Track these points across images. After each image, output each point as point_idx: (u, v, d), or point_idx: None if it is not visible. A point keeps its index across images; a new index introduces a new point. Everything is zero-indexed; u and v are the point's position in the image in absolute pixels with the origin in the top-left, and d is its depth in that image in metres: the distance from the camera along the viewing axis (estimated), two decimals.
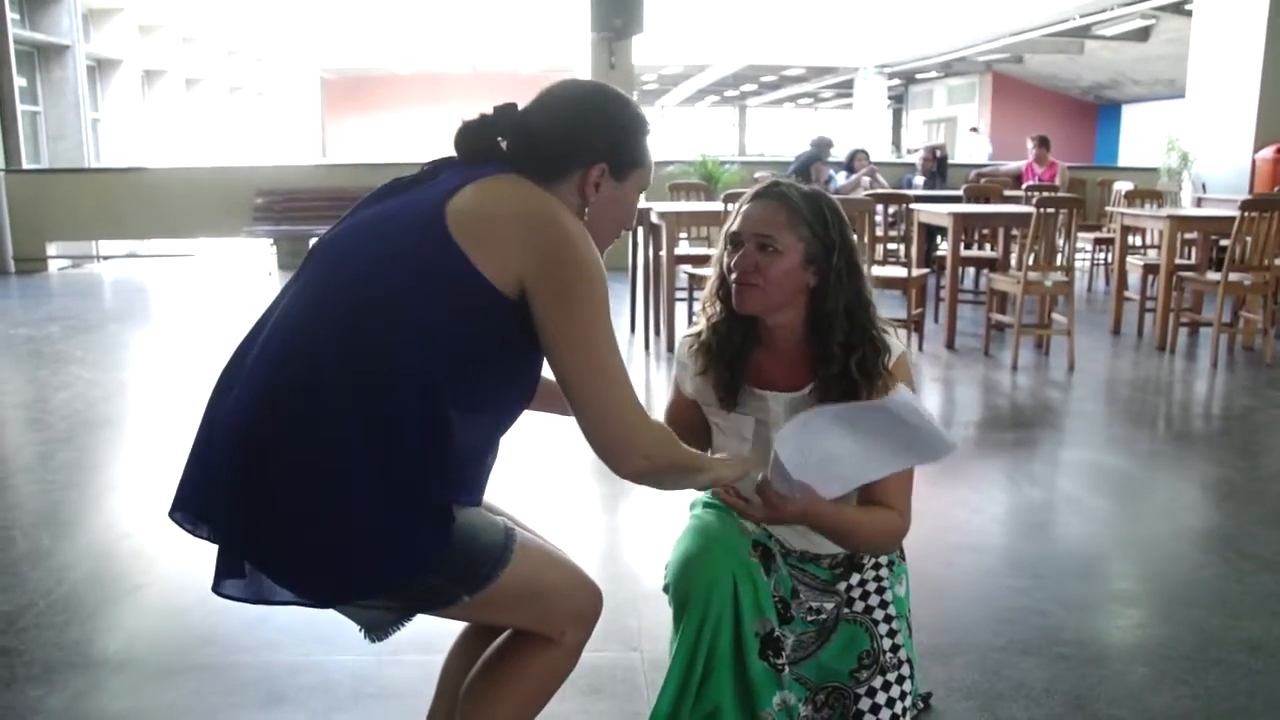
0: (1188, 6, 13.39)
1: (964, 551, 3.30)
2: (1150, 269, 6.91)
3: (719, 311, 1.94)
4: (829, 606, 1.95)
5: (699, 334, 1.98)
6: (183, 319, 8.06)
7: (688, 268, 6.46)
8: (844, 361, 1.82)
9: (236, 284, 9.80)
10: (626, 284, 6.88)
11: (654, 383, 5.69)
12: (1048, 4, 16.55)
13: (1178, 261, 6.55)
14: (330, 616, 1.64)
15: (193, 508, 1.54)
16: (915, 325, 6.14)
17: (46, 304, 8.69)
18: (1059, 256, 5.89)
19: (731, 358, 1.92)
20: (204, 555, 1.57)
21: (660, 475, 1.59)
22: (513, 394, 1.59)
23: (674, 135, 35.72)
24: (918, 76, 31.16)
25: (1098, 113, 29.53)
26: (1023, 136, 25.53)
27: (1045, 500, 3.87)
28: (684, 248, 6.97)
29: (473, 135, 1.62)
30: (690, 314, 6.03)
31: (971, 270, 8.27)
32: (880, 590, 1.96)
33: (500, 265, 1.44)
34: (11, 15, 11.65)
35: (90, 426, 4.68)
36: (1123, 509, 3.77)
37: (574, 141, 1.59)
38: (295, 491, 1.43)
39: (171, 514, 1.55)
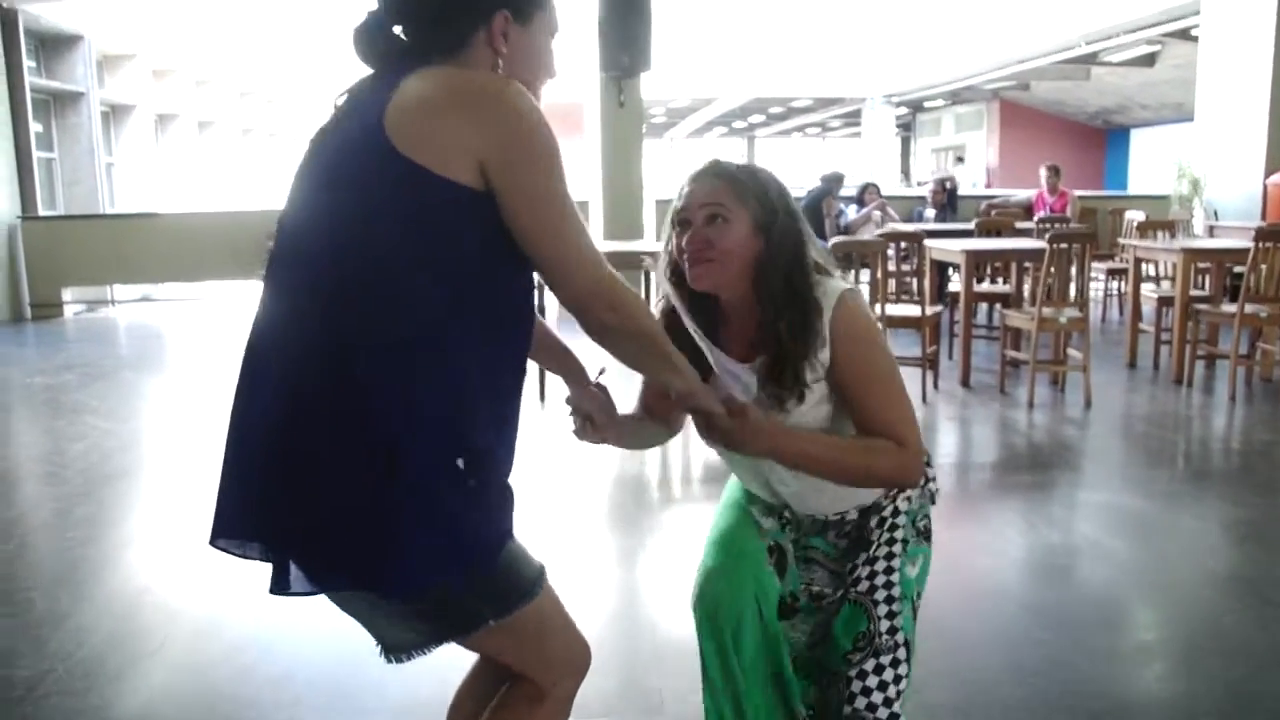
0: (1193, 32, 13.40)
1: (983, 599, 3.28)
2: (1165, 301, 6.88)
3: (674, 296, 1.92)
4: (831, 591, 1.96)
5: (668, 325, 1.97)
6: (196, 365, 8.09)
7: None
8: (780, 332, 1.79)
9: (248, 328, 9.82)
10: None
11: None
12: (1054, 32, 16.60)
13: (1193, 292, 6.52)
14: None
15: (235, 529, 1.52)
16: (930, 363, 6.12)
17: (63, 351, 8.75)
18: (1072, 291, 5.87)
19: (707, 331, 1.91)
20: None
21: (627, 337, 1.56)
22: (515, 315, 1.56)
23: (683, 168, 35.86)
24: (925, 104, 31.26)
25: (1106, 137, 29.57)
26: (1031, 163, 25.56)
27: (1065, 544, 3.83)
28: None
29: (369, 35, 1.58)
30: None
31: (984, 304, 8.24)
32: (889, 570, 1.91)
33: (458, 159, 1.41)
34: (28, 64, 11.81)
35: (107, 480, 4.69)
36: (1143, 552, 3.74)
37: (464, 2, 1.55)
38: (342, 480, 1.42)
39: (213, 542, 1.53)
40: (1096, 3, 13.15)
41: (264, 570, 1.49)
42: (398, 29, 1.57)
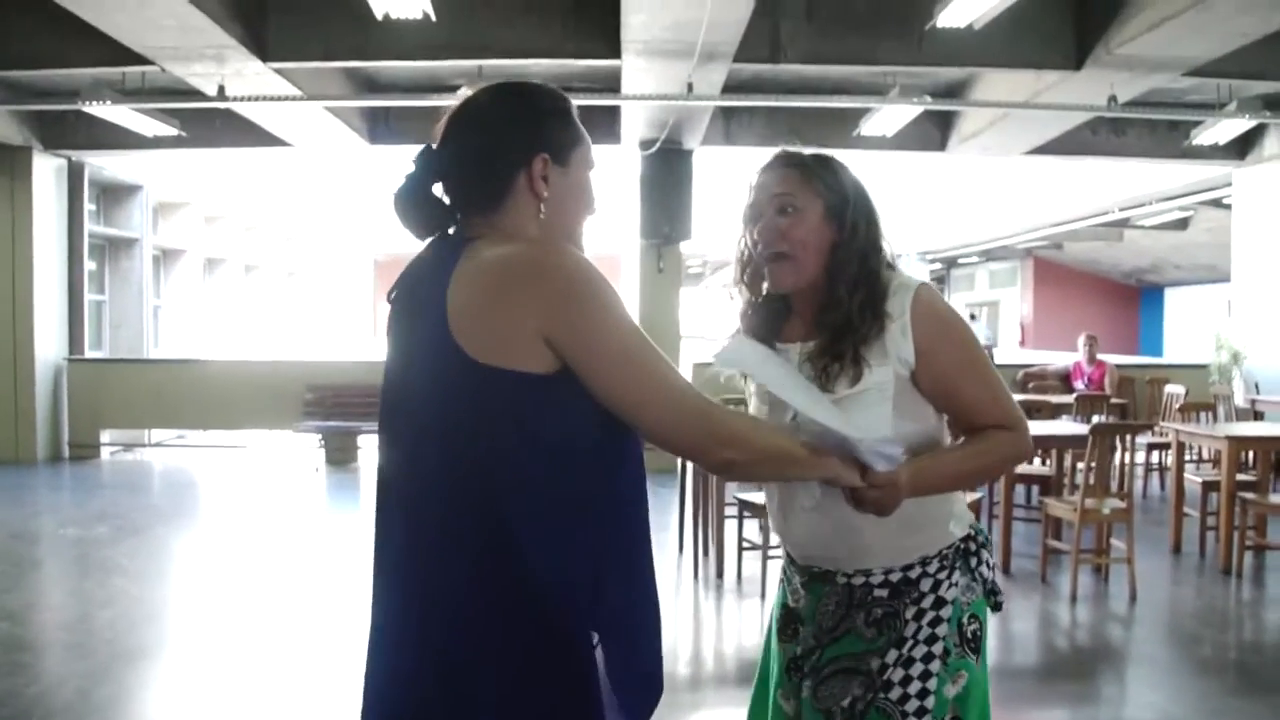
0: (1225, 201, 13.55)
1: None
2: (1209, 485, 6.74)
3: (747, 299, 1.89)
4: (861, 694, 1.73)
5: (737, 333, 1.92)
6: (229, 521, 8.07)
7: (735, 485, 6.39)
8: (847, 306, 1.74)
9: (284, 480, 9.86)
10: (675, 495, 6.79)
11: (704, 614, 5.56)
12: (1088, 198, 16.84)
13: (1239, 477, 6.39)
14: None
15: None
16: None
17: (97, 498, 8.78)
18: (1115, 479, 5.76)
19: (774, 330, 1.87)
20: None
21: (755, 465, 1.55)
22: (612, 489, 1.51)
23: (718, 316, 36.25)
24: (959, 260, 31.58)
25: (1140, 295, 29.66)
26: (1066, 319, 25.65)
27: None
28: None
29: (411, 202, 1.57)
30: (740, 535, 5.92)
31: (1023, 484, 8.11)
32: (923, 689, 1.72)
33: (525, 346, 1.40)
34: (89, 206, 12.25)
35: (130, 657, 4.60)
36: None
37: (503, 147, 1.54)
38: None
39: None
40: (1130, 173, 13.34)
41: None
42: (438, 187, 1.58)
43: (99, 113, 8.57)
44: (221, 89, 7.73)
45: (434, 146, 1.59)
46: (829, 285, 1.78)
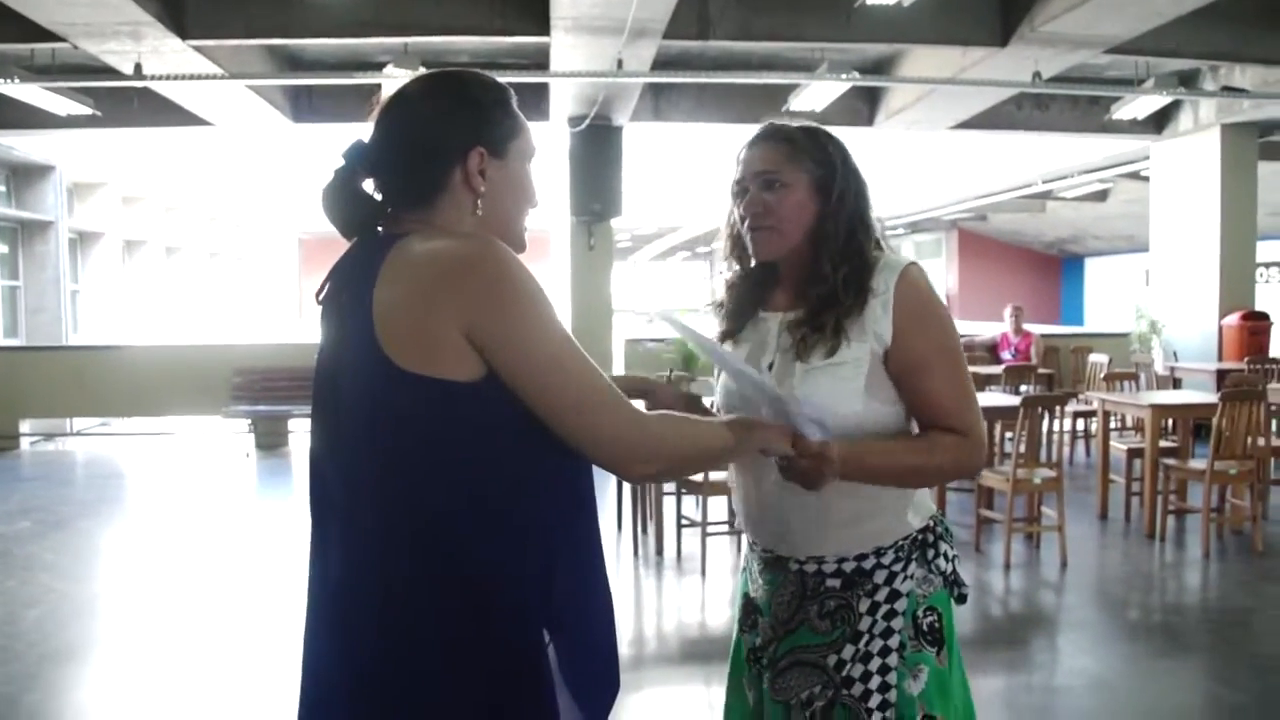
0: (1143, 174, 13.90)
1: None
2: (1134, 452, 6.92)
3: (735, 271, 1.89)
4: (819, 690, 1.72)
5: (720, 304, 1.92)
6: (157, 512, 7.89)
7: None
8: (832, 280, 1.73)
9: (213, 467, 9.67)
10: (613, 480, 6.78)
11: (644, 592, 5.58)
12: (1011, 171, 17.14)
13: (1161, 444, 6.57)
14: None
15: None
16: None
17: (17, 491, 8.51)
18: (1045, 450, 5.89)
19: (758, 300, 1.87)
20: None
21: (674, 471, 1.55)
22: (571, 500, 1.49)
23: (646, 290, 36.27)
24: (886, 233, 31.93)
25: (1062, 265, 30.31)
26: (990, 290, 26.11)
27: None
28: None
29: (339, 198, 1.51)
30: (679, 512, 5.94)
31: None
32: (884, 684, 1.69)
33: (450, 350, 1.35)
34: None
35: (58, 658, 4.47)
36: None
37: (436, 141, 1.47)
38: None
39: None
40: (1052, 146, 13.61)
41: None
42: (368, 183, 1.52)
43: (7, 91, 8.26)
44: (138, 67, 7.50)
45: (364, 141, 1.53)
46: (814, 258, 1.77)
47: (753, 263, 1.87)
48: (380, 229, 1.51)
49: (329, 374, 1.49)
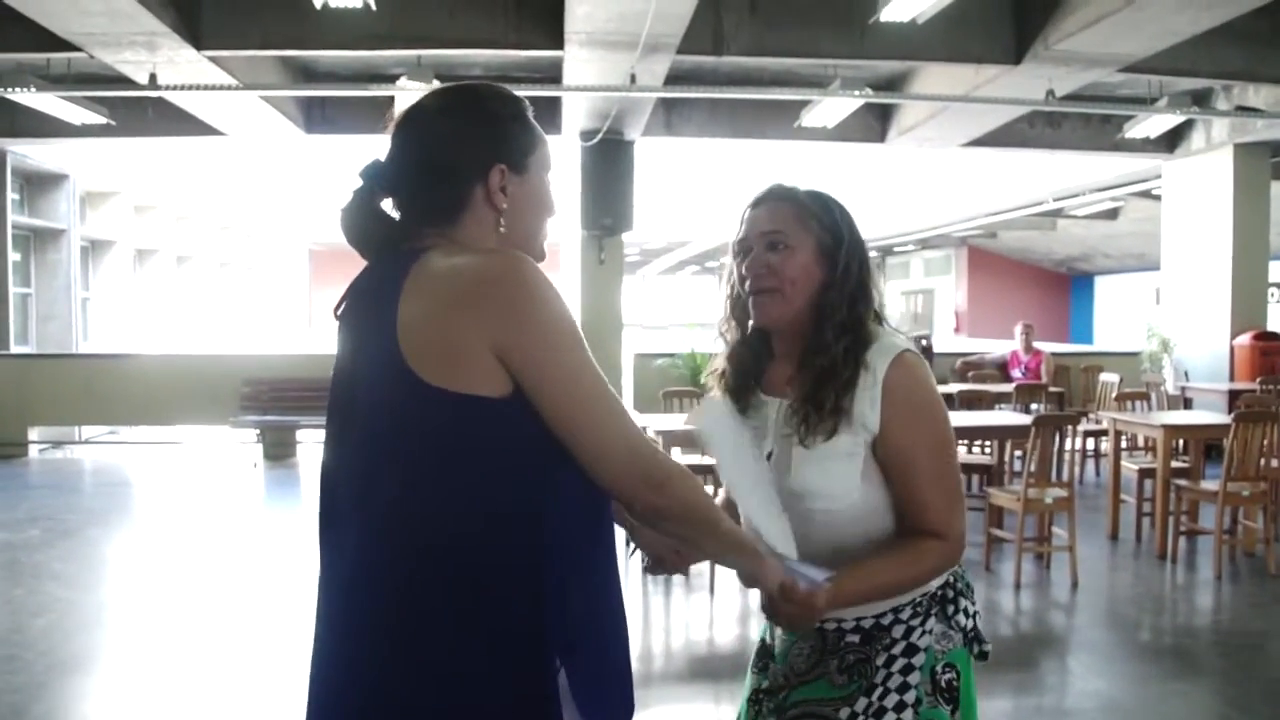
0: (1154, 192, 13.87)
1: None
2: (1145, 473, 6.88)
3: (735, 335, 1.84)
4: None
5: (721, 372, 1.86)
6: (165, 521, 7.89)
7: None
8: (834, 350, 1.68)
9: (221, 477, 9.67)
10: None
11: (652, 609, 5.55)
12: (1022, 188, 17.13)
13: (1172, 464, 6.54)
14: None
15: None
16: None
17: (26, 499, 8.51)
18: (1057, 470, 5.86)
19: (756, 375, 1.82)
20: None
21: (679, 519, 1.46)
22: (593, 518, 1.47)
23: (656, 303, 36.30)
24: (895, 249, 31.95)
25: (1071, 283, 30.28)
26: (999, 307, 26.05)
27: None
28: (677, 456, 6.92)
29: (359, 219, 1.50)
30: None
31: (964, 475, 8.23)
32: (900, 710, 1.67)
33: (478, 364, 1.34)
34: (12, 196, 11.88)
35: (66, 668, 4.46)
36: None
37: (457, 160, 1.46)
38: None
39: None
40: (1063, 164, 13.61)
41: None
42: (387, 203, 1.51)
43: (22, 100, 8.30)
44: (153, 77, 7.53)
45: (381, 160, 1.52)
46: (816, 328, 1.72)
47: (750, 326, 1.83)
48: (401, 246, 1.49)
49: (346, 389, 1.48)
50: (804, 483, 1.69)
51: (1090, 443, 9.44)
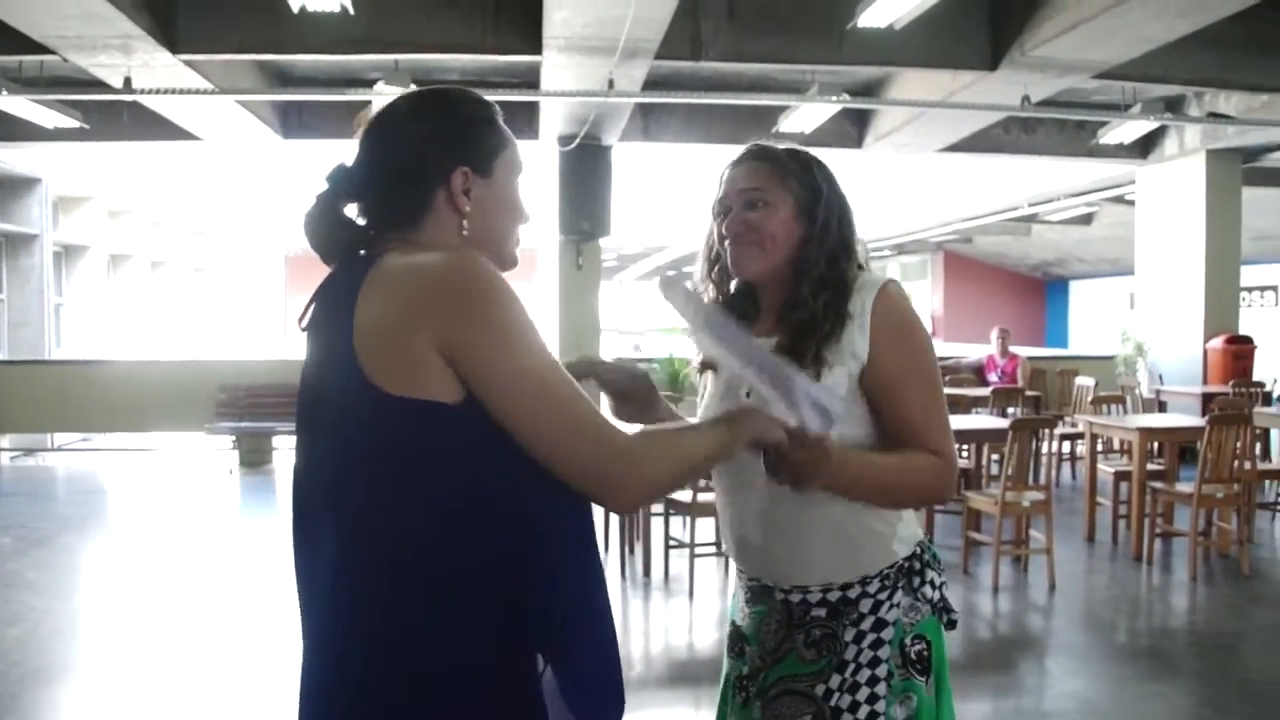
0: (1129, 197, 13.99)
1: None
2: (1121, 475, 6.94)
3: (713, 296, 1.84)
4: (810, 719, 1.69)
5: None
6: (140, 529, 7.82)
7: None
8: (811, 305, 1.69)
9: (197, 483, 9.59)
10: None
11: (631, 613, 5.54)
12: (998, 193, 17.23)
13: (1148, 467, 6.59)
14: None
15: None
16: None
17: None
18: (1034, 473, 5.89)
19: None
20: None
21: (660, 495, 1.49)
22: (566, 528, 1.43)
23: (633, 309, 36.28)
24: (871, 254, 32.07)
25: (1046, 288, 30.47)
26: (975, 312, 26.16)
27: None
28: None
29: (322, 224, 1.47)
30: (667, 533, 5.92)
31: None
32: (872, 700, 1.66)
33: (428, 368, 1.30)
34: None
35: (40, 678, 4.41)
36: None
37: (419, 162, 1.44)
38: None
39: None
40: (1038, 169, 13.71)
41: None
42: (351, 208, 1.48)
43: None
44: (128, 81, 7.47)
45: (346, 164, 1.49)
46: (794, 282, 1.73)
47: (732, 287, 1.83)
48: (363, 251, 1.47)
49: (311, 397, 1.46)
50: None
51: (1066, 446, 9.50)
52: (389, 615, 1.36)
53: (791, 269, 1.74)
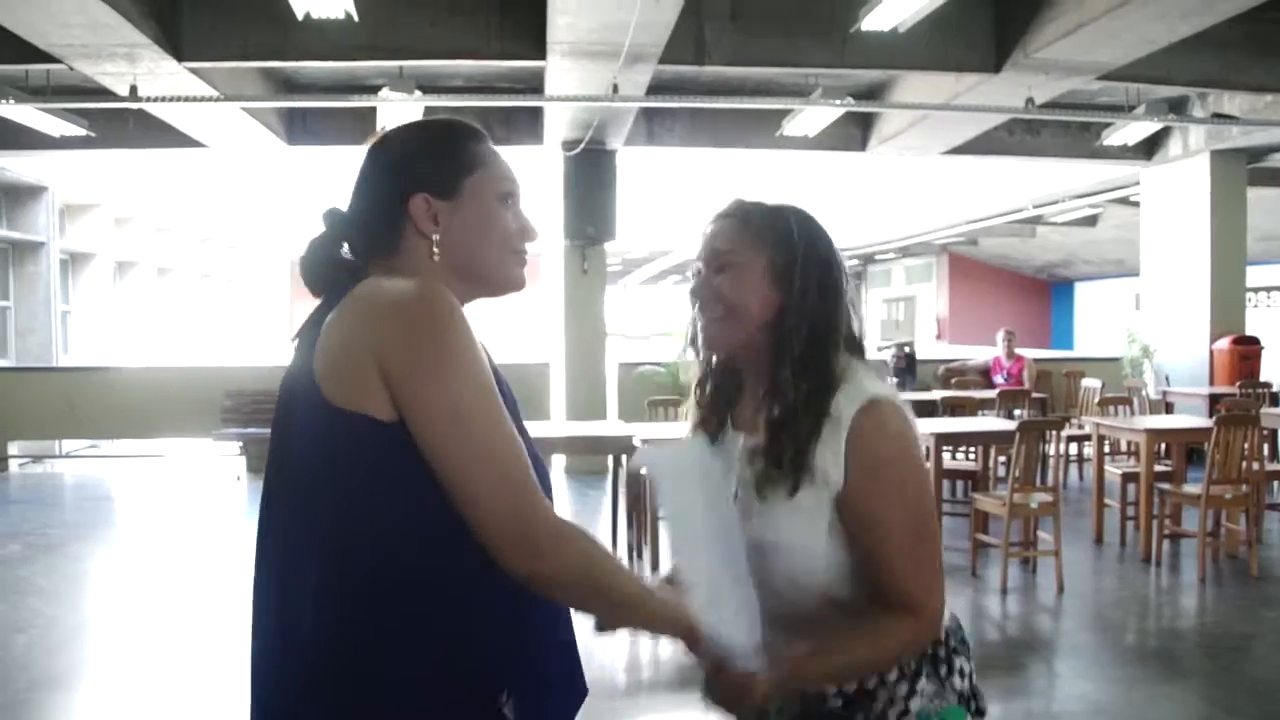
0: (1133, 199, 13.98)
1: None
2: (1129, 477, 6.93)
3: (698, 367, 1.67)
4: None
5: (696, 403, 1.69)
6: (148, 536, 7.83)
7: None
8: (791, 397, 1.50)
9: (204, 490, 9.61)
10: (607, 497, 6.78)
11: None
12: (1002, 196, 17.23)
13: (1155, 468, 6.58)
14: None
15: None
16: None
17: (6, 514, 8.46)
18: (1042, 474, 5.89)
19: (726, 406, 1.65)
20: None
21: (565, 586, 1.34)
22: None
23: (638, 313, 36.30)
24: (876, 257, 32.09)
25: (1051, 289, 30.46)
26: (980, 313, 26.16)
27: None
28: None
29: (316, 264, 1.49)
30: None
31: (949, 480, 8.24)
32: None
33: (371, 387, 1.31)
34: None
35: (49, 685, 4.42)
36: None
37: (379, 193, 1.47)
38: None
39: None
40: (1043, 171, 13.70)
41: None
42: (344, 247, 1.51)
43: (1, 112, 8.24)
44: (134, 89, 7.49)
45: (339, 208, 1.53)
46: (775, 362, 1.55)
47: (713, 361, 1.68)
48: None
49: (283, 411, 1.48)
50: (761, 534, 1.53)
51: (1073, 447, 9.49)
52: (342, 633, 1.34)
53: (771, 341, 1.55)
